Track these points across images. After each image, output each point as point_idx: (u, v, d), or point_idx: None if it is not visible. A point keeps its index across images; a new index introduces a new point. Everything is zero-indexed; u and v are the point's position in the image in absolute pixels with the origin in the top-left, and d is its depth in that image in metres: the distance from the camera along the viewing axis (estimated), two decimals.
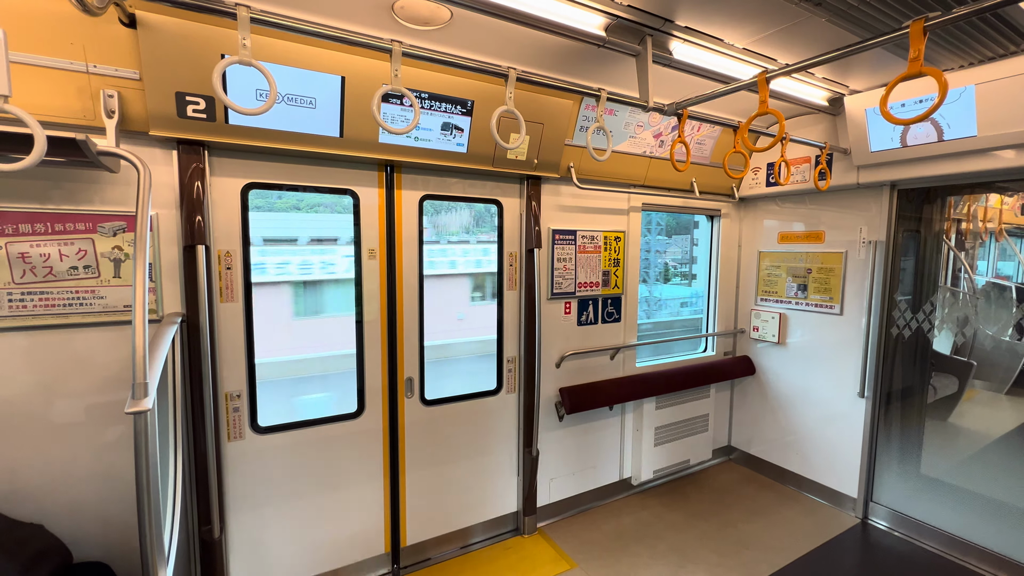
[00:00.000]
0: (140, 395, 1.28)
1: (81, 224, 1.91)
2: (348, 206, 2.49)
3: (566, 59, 2.33)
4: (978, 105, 2.37)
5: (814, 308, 3.51)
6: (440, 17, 1.95)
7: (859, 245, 3.25)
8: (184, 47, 1.79)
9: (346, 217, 2.50)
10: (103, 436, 1.99)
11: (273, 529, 2.41)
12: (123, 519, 2.02)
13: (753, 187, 3.72)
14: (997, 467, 2.85)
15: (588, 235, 3.18)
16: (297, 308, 4.52)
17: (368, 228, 2.52)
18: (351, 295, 2.55)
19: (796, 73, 2.00)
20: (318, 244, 4.58)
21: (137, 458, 1.30)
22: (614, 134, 2.95)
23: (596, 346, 3.30)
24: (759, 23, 2.00)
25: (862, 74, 2.58)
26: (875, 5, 1.79)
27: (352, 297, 2.55)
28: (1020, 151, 2.40)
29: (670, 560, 2.84)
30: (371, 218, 2.53)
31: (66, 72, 1.73)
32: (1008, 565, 2.69)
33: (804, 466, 3.62)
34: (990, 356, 3.09)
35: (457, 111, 2.40)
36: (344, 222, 2.53)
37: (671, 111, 2.27)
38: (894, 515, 3.16)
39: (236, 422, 2.28)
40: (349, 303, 2.56)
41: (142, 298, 1.32)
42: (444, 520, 2.89)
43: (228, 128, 2.01)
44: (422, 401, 2.75)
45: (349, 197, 2.47)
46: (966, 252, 3.21)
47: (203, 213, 2.06)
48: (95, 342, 1.96)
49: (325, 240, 4.60)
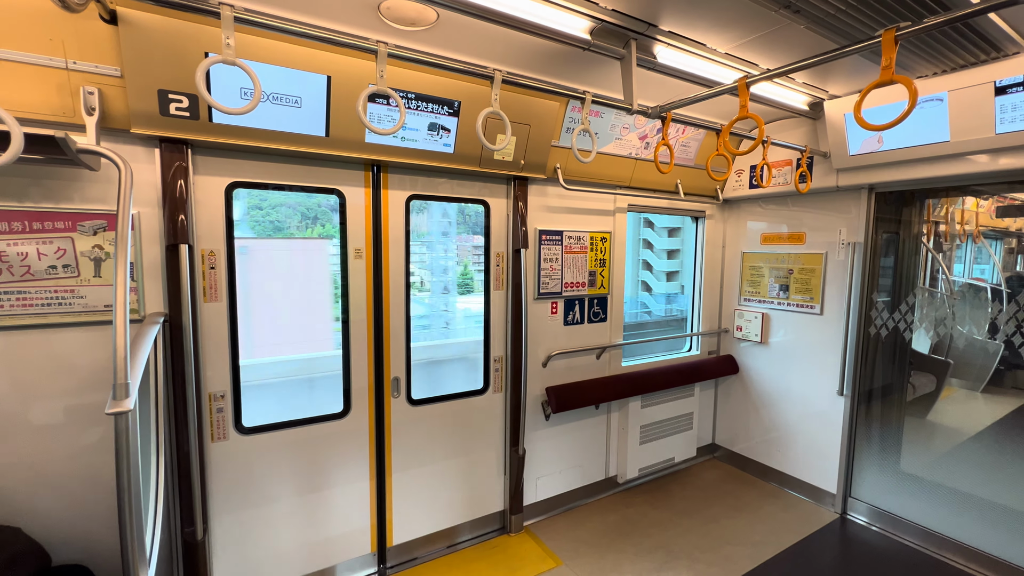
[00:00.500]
0: (121, 396, 1.27)
1: (60, 222, 1.88)
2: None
3: (552, 61, 2.35)
4: (951, 111, 2.44)
5: (795, 308, 3.58)
6: (426, 18, 1.95)
7: (839, 246, 3.33)
8: (167, 44, 1.77)
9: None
10: (82, 438, 1.96)
11: (258, 530, 2.39)
12: (103, 521, 1.99)
13: (737, 189, 3.78)
14: (973, 463, 2.94)
15: (575, 235, 3.21)
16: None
17: (354, 228, 2.52)
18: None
19: (776, 78, 2.04)
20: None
21: (118, 459, 1.29)
22: (600, 135, 2.98)
23: (582, 346, 3.33)
24: (740, 29, 2.04)
25: (841, 79, 2.64)
26: (851, 13, 1.84)
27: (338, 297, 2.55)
28: (994, 155, 2.48)
29: (655, 556, 2.88)
30: (357, 218, 2.52)
31: (45, 68, 1.71)
32: (982, 558, 2.77)
33: (785, 463, 3.69)
34: (966, 355, 3.18)
35: (444, 111, 2.41)
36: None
37: (655, 114, 2.30)
38: (872, 510, 3.24)
39: (220, 423, 2.27)
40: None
41: (123, 298, 1.31)
42: (431, 519, 2.89)
43: (212, 127, 2.00)
44: (409, 401, 2.75)
45: (336, 198, 2.47)
46: (943, 253, 3.30)
47: (186, 212, 2.04)
48: (74, 342, 1.93)
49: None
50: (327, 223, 3.91)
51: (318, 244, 3.94)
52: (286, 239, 3.82)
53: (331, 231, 3.72)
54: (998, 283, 3.16)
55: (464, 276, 4.78)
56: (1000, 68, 2.24)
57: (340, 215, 2.50)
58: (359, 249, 2.53)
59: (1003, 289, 3.05)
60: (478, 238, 3.00)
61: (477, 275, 3.25)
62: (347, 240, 2.51)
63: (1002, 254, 3.26)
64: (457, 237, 4.83)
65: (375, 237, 2.58)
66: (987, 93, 2.30)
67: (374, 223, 2.57)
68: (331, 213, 2.88)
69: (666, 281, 19.52)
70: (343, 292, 2.53)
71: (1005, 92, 2.25)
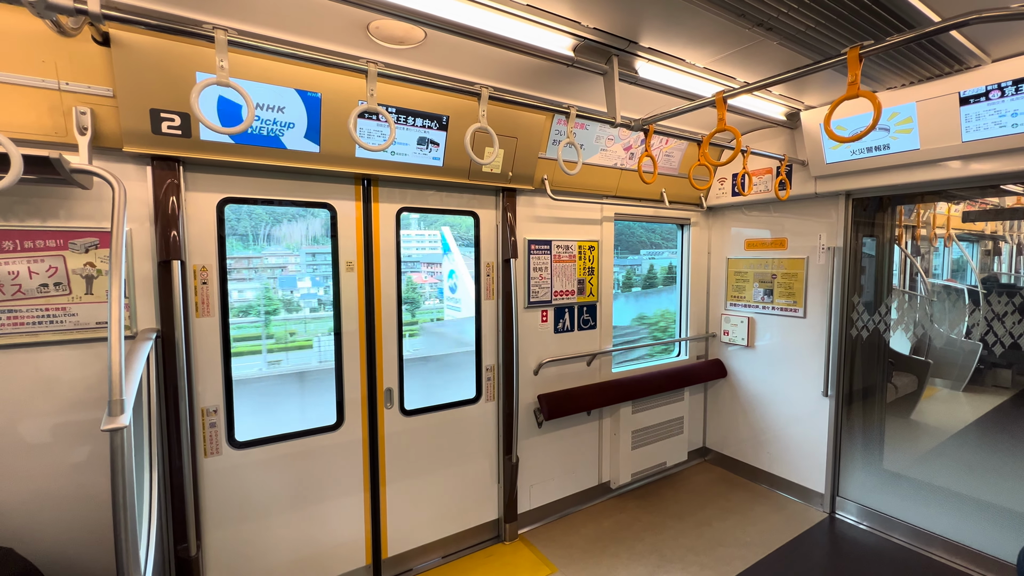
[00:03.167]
0: (116, 412, 1.28)
1: (52, 241, 1.89)
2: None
3: (537, 76, 2.42)
4: (919, 120, 2.55)
5: (780, 312, 3.67)
6: (414, 37, 2.01)
7: (819, 251, 3.42)
8: (159, 65, 1.81)
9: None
10: (74, 455, 1.96)
11: (252, 545, 2.39)
12: (96, 539, 1.98)
13: (720, 197, 3.88)
14: (955, 461, 3.02)
15: (563, 245, 3.26)
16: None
17: (346, 241, 2.55)
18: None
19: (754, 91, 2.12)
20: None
21: (113, 476, 1.30)
22: (586, 146, 3.05)
23: (573, 353, 3.37)
24: (717, 45, 2.13)
25: (816, 91, 2.74)
26: (821, 31, 1.93)
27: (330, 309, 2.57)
28: (963, 162, 2.59)
29: (649, 561, 2.91)
30: (349, 231, 2.56)
31: (38, 90, 1.73)
32: (966, 553, 2.84)
33: (774, 464, 3.75)
34: (946, 355, 3.27)
35: (432, 126, 2.46)
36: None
37: (638, 126, 2.37)
38: (860, 509, 3.31)
39: (213, 437, 2.27)
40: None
41: (118, 315, 1.33)
42: (425, 530, 2.90)
43: (204, 144, 2.03)
44: (402, 411, 2.77)
45: (326, 210, 2.50)
46: (920, 257, 3.41)
47: (178, 228, 2.06)
48: (66, 360, 1.93)
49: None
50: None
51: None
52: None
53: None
54: (974, 284, 3.26)
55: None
56: (964, 79, 2.35)
57: (331, 228, 2.53)
58: (350, 262, 2.56)
59: (979, 290, 3.15)
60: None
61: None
62: (339, 253, 2.54)
63: (979, 256, 3.37)
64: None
65: (367, 250, 2.61)
66: (952, 103, 2.41)
67: (365, 236, 2.60)
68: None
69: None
70: (335, 304, 2.56)
71: (969, 102, 2.36)
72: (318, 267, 5.24)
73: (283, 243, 4.87)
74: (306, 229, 4.83)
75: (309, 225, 4.75)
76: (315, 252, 5.05)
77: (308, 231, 4.87)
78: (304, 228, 4.84)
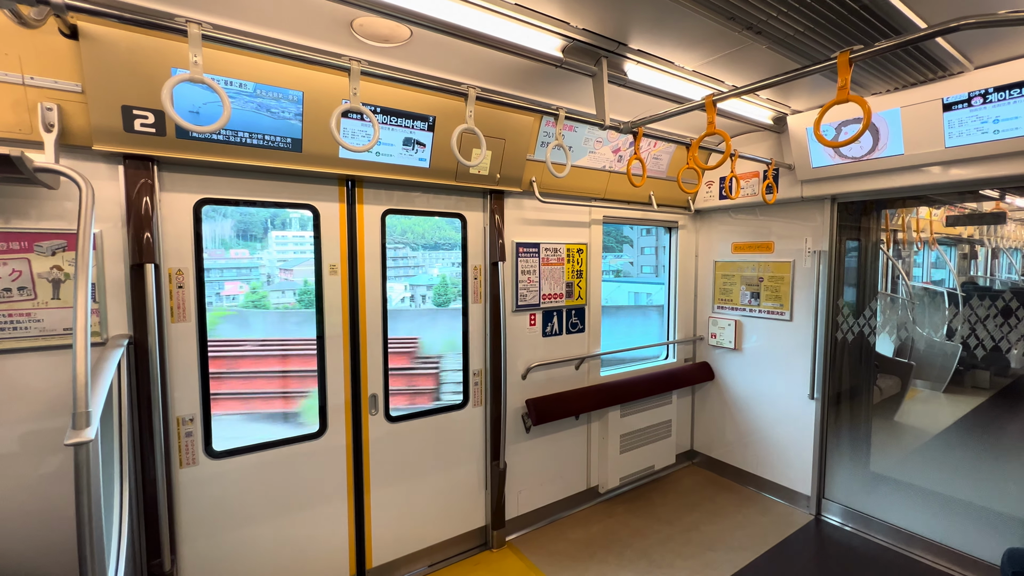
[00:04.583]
0: (81, 425, 1.21)
1: (16, 243, 1.80)
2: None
3: (526, 77, 2.38)
4: (904, 126, 2.57)
5: (766, 315, 3.68)
6: (400, 35, 1.96)
7: (805, 255, 3.44)
8: (131, 60, 1.73)
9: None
10: (41, 467, 1.86)
11: (230, 558, 2.30)
12: (64, 554, 1.89)
13: (708, 200, 3.89)
14: (938, 461, 3.05)
15: (551, 247, 3.23)
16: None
17: (329, 243, 2.49)
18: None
19: (743, 95, 2.12)
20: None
21: (78, 492, 1.23)
22: (574, 149, 3.03)
23: (561, 357, 3.34)
24: (706, 48, 2.12)
25: (803, 96, 2.76)
26: (809, 35, 1.93)
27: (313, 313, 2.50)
28: (944, 167, 2.62)
29: (638, 566, 2.89)
30: (332, 233, 2.49)
31: (0, 84, 1.64)
32: (949, 554, 2.87)
33: (761, 467, 3.77)
34: (928, 357, 3.32)
35: (419, 126, 2.41)
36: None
37: (627, 129, 2.35)
38: (846, 511, 3.33)
39: (189, 447, 2.18)
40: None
41: (84, 321, 1.25)
42: (411, 538, 2.84)
43: (180, 143, 1.95)
44: (387, 418, 2.70)
45: (309, 212, 2.44)
46: (902, 260, 3.45)
47: (152, 230, 1.98)
48: (31, 368, 1.84)
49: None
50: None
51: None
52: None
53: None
54: (954, 287, 3.32)
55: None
56: (947, 86, 2.38)
57: (314, 231, 2.46)
58: (334, 265, 2.50)
59: (958, 293, 3.20)
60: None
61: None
62: (321, 256, 2.47)
63: (956, 260, 3.43)
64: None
65: (351, 252, 2.55)
66: (936, 109, 2.43)
67: (349, 238, 2.54)
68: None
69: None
70: (318, 308, 2.49)
71: (951, 108, 2.39)
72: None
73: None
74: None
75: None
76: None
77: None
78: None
